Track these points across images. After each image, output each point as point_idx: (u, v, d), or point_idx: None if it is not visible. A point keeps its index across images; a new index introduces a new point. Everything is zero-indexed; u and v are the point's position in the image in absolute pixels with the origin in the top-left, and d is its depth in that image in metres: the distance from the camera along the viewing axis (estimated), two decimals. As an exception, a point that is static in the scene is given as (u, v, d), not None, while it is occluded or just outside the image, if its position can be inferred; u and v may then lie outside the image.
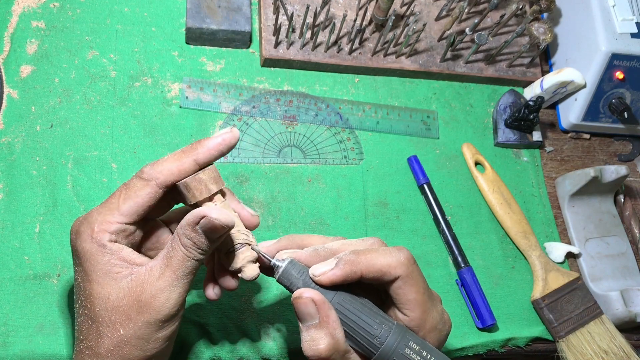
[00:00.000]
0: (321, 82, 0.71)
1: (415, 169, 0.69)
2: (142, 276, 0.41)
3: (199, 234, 0.41)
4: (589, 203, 0.73)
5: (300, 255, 0.43)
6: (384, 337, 0.40)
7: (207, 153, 0.43)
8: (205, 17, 0.66)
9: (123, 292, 0.41)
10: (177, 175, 0.43)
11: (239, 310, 0.58)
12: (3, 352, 0.52)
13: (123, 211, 0.42)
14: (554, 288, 0.67)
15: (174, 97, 0.66)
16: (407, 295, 0.41)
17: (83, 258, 0.41)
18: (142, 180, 0.42)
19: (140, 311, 0.40)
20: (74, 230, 0.42)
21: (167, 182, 0.42)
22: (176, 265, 0.41)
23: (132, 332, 0.40)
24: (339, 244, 0.43)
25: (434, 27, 0.75)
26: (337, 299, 0.41)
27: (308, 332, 0.40)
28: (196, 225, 0.41)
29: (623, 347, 0.64)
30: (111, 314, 0.40)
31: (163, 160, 0.43)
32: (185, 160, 0.43)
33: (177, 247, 0.41)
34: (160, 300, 0.40)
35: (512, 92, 0.75)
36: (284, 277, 0.42)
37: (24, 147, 0.59)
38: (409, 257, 0.41)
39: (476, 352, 0.64)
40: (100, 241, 0.41)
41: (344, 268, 0.40)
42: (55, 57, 0.63)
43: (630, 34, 0.72)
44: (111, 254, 0.41)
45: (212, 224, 0.40)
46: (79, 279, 0.42)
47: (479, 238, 0.69)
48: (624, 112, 0.72)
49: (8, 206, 0.57)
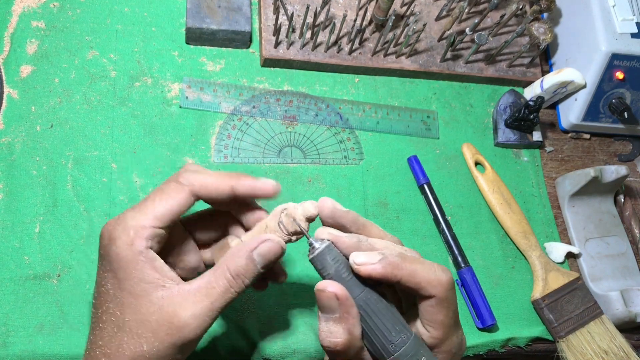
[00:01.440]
0: (321, 82, 0.71)
1: (415, 169, 0.69)
2: (176, 297, 0.40)
3: (254, 263, 0.41)
4: (589, 203, 0.73)
5: (341, 242, 0.41)
6: (399, 346, 0.39)
7: (247, 189, 0.43)
8: (205, 17, 0.66)
9: (154, 307, 0.40)
10: (212, 190, 0.43)
11: (239, 310, 0.58)
12: (3, 352, 0.52)
13: (158, 215, 0.41)
14: (554, 288, 0.67)
15: (174, 97, 0.66)
16: (436, 316, 0.40)
17: (117, 265, 0.40)
18: (179, 185, 0.42)
19: (170, 333, 0.40)
20: (107, 235, 0.41)
21: (201, 193, 0.43)
22: (216, 296, 0.41)
23: (156, 350, 0.40)
24: (383, 243, 0.42)
25: (434, 27, 0.75)
26: (365, 296, 0.40)
27: (327, 324, 0.40)
28: (251, 252, 0.41)
29: (623, 347, 0.64)
30: (138, 327, 0.40)
31: (205, 173, 0.43)
32: (226, 181, 0.43)
33: (222, 277, 0.41)
34: (192, 328, 0.40)
35: (512, 92, 0.75)
36: (318, 260, 0.41)
37: (24, 147, 0.59)
38: (450, 280, 0.41)
39: (476, 352, 0.64)
40: (138, 248, 0.40)
41: (386, 268, 0.39)
42: (55, 57, 0.63)
43: (630, 34, 0.72)
44: (145, 262, 0.40)
45: (275, 248, 0.41)
46: (109, 286, 0.41)
47: (479, 238, 0.69)
48: (624, 112, 0.72)
49: (8, 206, 0.57)
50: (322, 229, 0.42)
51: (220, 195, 0.43)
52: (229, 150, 0.65)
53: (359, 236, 0.42)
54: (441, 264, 0.41)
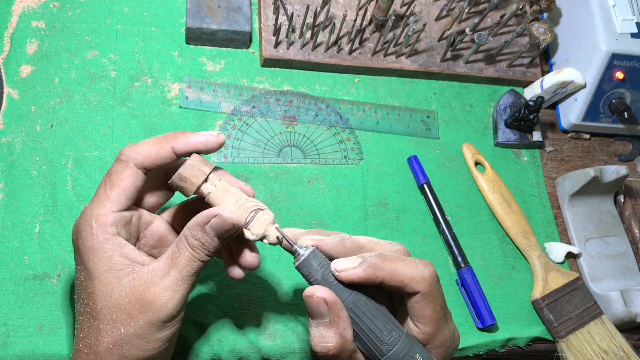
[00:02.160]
0: (321, 82, 0.71)
1: (415, 169, 0.69)
2: (146, 275, 0.41)
3: (208, 235, 0.41)
4: (589, 203, 0.73)
5: (325, 243, 0.42)
6: (392, 344, 0.40)
7: (187, 145, 0.43)
8: (205, 17, 0.66)
9: (125, 290, 0.40)
10: (155, 158, 0.43)
11: (239, 310, 0.58)
12: (3, 352, 0.52)
13: (113, 199, 0.42)
14: (554, 288, 0.67)
15: (174, 97, 0.66)
16: (423, 311, 0.41)
17: (85, 256, 0.41)
18: (121, 163, 0.42)
19: (143, 310, 0.40)
20: (75, 230, 0.42)
21: (145, 163, 0.43)
22: (182, 265, 0.41)
23: (133, 330, 0.40)
24: (367, 239, 0.42)
25: (434, 27, 0.75)
26: (353, 298, 0.40)
27: (317, 329, 0.40)
28: (205, 225, 0.41)
29: (623, 347, 0.64)
30: (112, 312, 0.40)
31: (142, 143, 0.43)
32: (164, 145, 0.43)
33: (184, 247, 0.41)
34: (163, 300, 0.40)
35: (512, 92, 0.75)
36: (303, 267, 0.41)
37: (24, 147, 0.59)
38: (433, 274, 0.41)
39: (476, 352, 0.64)
40: (101, 236, 0.41)
41: (367, 270, 0.39)
42: (55, 57, 0.63)
43: (630, 34, 0.72)
44: (112, 249, 0.41)
45: (224, 223, 0.40)
46: (81, 278, 0.42)
47: (479, 238, 0.69)
48: (624, 112, 0.72)
49: (8, 206, 0.57)
50: (305, 237, 0.42)
51: (165, 160, 0.43)
52: (228, 150, 0.65)
53: (341, 234, 0.42)
54: (423, 259, 0.42)
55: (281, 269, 0.61)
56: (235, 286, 0.59)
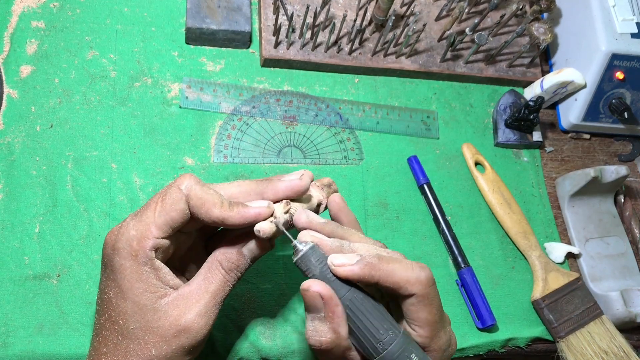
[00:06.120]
0: (321, 82, 0.71)
1: (415, 169, 0.69)
2: (179, 300, 0.41)
3: (244, 257, 0.42)
4: (589, 203, 0.73)
5: (323, 244, 0.42)
6: (387, 343, 0.40)
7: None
8: (205, 17, 0.66)
9: (158, 314, 0.40)
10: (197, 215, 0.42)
11: (239, 310, 0.58)
12: (3, 353, 0.52)
13: (159, 226, 0.41)
14: (554, 288, 0.67)
15: (174, 97, 0.66)
16: (419, 314, 0.41)
17: (120, 275, 0.40)
18: (179, 193, 0.41)
19: (177, 335, 0.40)
20: (110, 244, 0.41)
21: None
22: (216, 290, 0.42)
23: (164, 353, 0.40)
24: (365, 247, 0.42)
25: (434, 27, 0.75)
26: (350, 295, 0.40)
27: (312, 323, 0.41)
28: (242, 247, 0.42)
29: (623, 348, 0.64)
30: (145, 334, 0.40)
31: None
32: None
33: (217, 272, 0.42)
34: (198, 326, 0.41)
35: (512, 92, 0.75)
36: (302, 262, 0.41)
37: (24, 147, 0.59)
38: (429, 277, 0.41)
39: (476, 352, 0.64)
40: (141, 259, 0.40)
41: (363, 269, 0.40)
42: (55, 57, 0.63)
43: (630, 34, 0.72)
44: (150, 272, 0.41)
45: (263, 245, 0.42)
46: (111, 294, 0.41)
47: (479, 238, 0.69)
48: (624, 112, 0.72)
49: (8, 206, 0.57)
50: (305, 232, 0.43)
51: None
52: (228, 151, 0.65)
53: (341, 241, 0.42)
54: (420, 262, 0.42)
55: (281, 269, 0.61)
56: (235, 286, 0.59)
